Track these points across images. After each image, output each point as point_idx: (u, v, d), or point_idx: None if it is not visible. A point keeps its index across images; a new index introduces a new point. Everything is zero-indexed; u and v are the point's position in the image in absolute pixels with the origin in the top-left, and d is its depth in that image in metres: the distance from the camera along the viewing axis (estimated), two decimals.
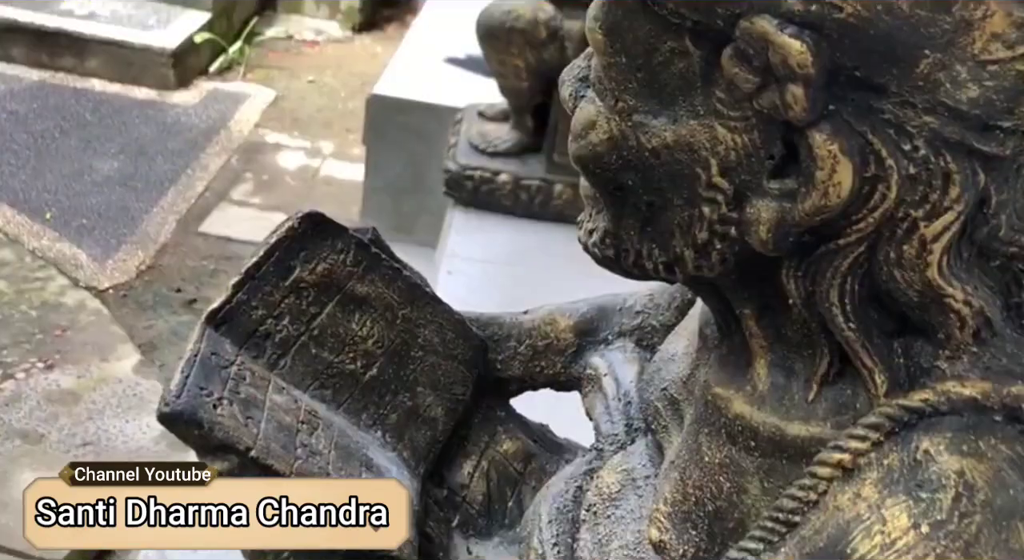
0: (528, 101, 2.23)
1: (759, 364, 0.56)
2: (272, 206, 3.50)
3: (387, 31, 5.07)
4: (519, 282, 2.09)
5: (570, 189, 2.26)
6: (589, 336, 0.87)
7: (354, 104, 4.29)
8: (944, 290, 0.46)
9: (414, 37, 3.18)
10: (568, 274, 2.20)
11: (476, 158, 2.29)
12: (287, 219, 0.77)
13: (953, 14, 0.41)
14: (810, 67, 0.43)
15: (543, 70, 2.15)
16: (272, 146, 3.88)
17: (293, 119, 4.09)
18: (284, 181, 3.66)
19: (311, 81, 4.45)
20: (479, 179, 2.26)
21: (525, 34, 2.10)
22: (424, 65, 2.90)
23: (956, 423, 0.46)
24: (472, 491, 0.81)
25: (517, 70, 2.15)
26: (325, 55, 4.73)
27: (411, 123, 2.66)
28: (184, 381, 0.63)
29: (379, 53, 4.82)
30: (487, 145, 2.29)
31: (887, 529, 0.44)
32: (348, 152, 3.89)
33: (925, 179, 0.44)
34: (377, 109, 2.69)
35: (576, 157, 0.55)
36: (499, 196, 2.28)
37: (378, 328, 0.78)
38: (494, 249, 2.19)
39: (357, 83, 4.49)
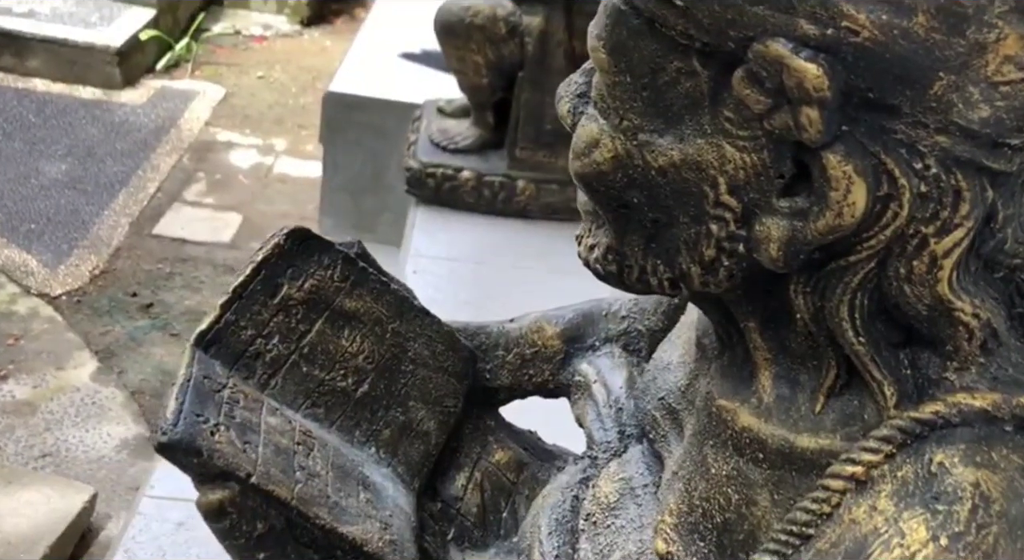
0: (488, 97, 2.22)
1: (763, 376, 0.56)
2: (226, 206, 3.45)
3: (336, 25, 5.02)
4: (485, 280, 2.09)
5: (532, 185, 2.26)
6: (576, 343, 0.87)
7: (306, 100, 4.24)
8: (954, 304, 0.47)
9: (367, 33, 3.15)
10: (534, 270, 2.20)
11: (437, 155, 2.27)
12: (272, 236, 0.75)
13: (968, 37, 0.41)
14: (826, 90, 0.43)
15: (503, 66, 2.15)
16: (224, 144, 3.82)
17: (244, 116, 4.04)
18: (237, 180, 3.61)
19: (261, 77, 4.39)
20: (441, 176, 2.25)
21: (484, 30, 2.09)
22: (379, 61, 2.88)
23: (968, 434, 0.47)
24: (466, 503, 0.81)
25: (477, 66, 2.14)
26: (274, 50, 4.67)
27: (369, 120, 2.63)
28: (179, 408, 0.62)
29: (328, 47, 4.77)
30: (448, 142, 2.28)
31: (906, 542, 0.45)
32: (302, 149, 3.85)
33: (936, 197, 0.45)
34: (333, 107, 2.66)
35: (579, 175, 0.55)
36: (462, 193, 2.26)
37: (368, 343, 0.77)
38: (459, 247, 2.18)
39: (308, 78, 4.44)
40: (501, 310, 2.15)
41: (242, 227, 3.33)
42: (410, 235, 2.23)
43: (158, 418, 0.63)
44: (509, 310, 2.24)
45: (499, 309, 2.20)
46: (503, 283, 2.08)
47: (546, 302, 2.27)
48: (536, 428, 0.91)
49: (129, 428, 2.51)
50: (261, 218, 3.38)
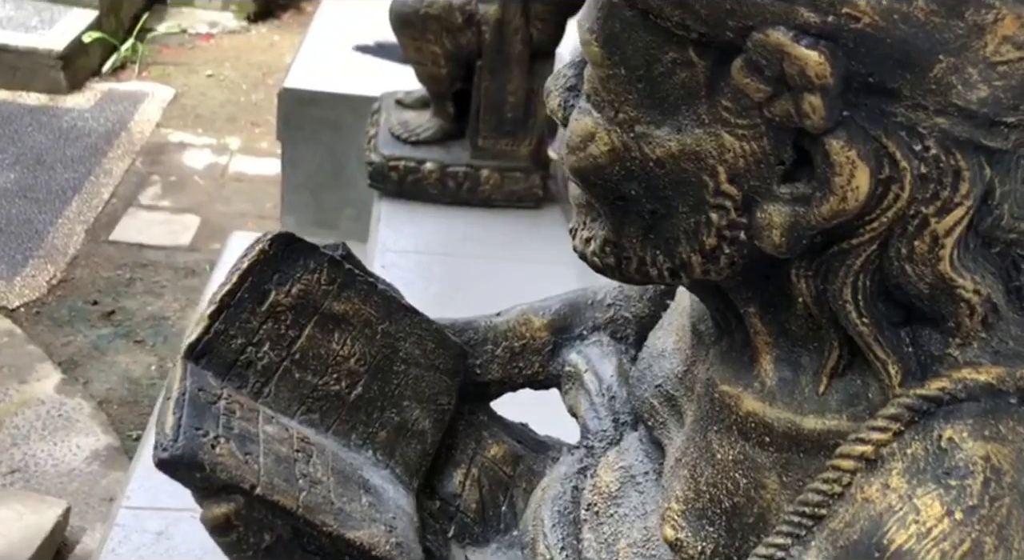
0: (448, 87, 2.21)
1: (764, 360, 0.57)
2: (183, 208, 3.40)
3: (283, 19, 4.96)
4: (454, 272, 2.08)
5: (496, 174, 2.25)
6: (564, 333, 0.87)
7: (257, 96, 4.19)
8: (955, 281, 0.48)
9: (319, 26, 3.11)
10: (502, 260, 2.20)
11: (399, 148, 2.26)
12: (256, 242, 0.74)
13: (966, 19, 0.42)
14: (828, 77, 0.43)
15: (461, 56, 2.14)
16: (177, 145, 3.76)
17: (196, 116, 3.97)
18: (193, 181, 3.56)
19: (210, 75, 4.32)
20: (404, 169, 2.23)
21: (440, 20, 2.07)
22: (333, 55, 2.85)
23: (975, 409, 0.48)
24: (465, 500, 0.80)
25: (435, 57, 2.12)
26: (222, 47, 4.60)
27: (326, 116, 2.61)
28: (178, 423, 0.61)
29: (277, 42, 4.71)
30: (409, 134, 2.27)
31: (921, 518, 0.45)
32: (256, 147, 3.81)
33: (936, 177, 0.45)
34: (289, 103, 2.63)
35: (575, 169, 0.55)
36: (425, 185, 2.25)
37: (359, 345, 0.76)
38: (425, 239, 2.17)
39: (258, 74, 4.38)
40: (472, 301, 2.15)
41: (200, 229, 3.29)
42: (376, 230, 2.22)
43: (156, 434, 0.62)
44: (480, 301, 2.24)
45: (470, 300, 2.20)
46: (472, 274, 2.07)
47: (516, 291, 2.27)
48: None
49: (99, 439, 2.47)
50: (219, 219, 3.34)
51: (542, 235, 2.26)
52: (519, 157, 2.23)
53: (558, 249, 2.26)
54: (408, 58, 2.20)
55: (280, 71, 4.40)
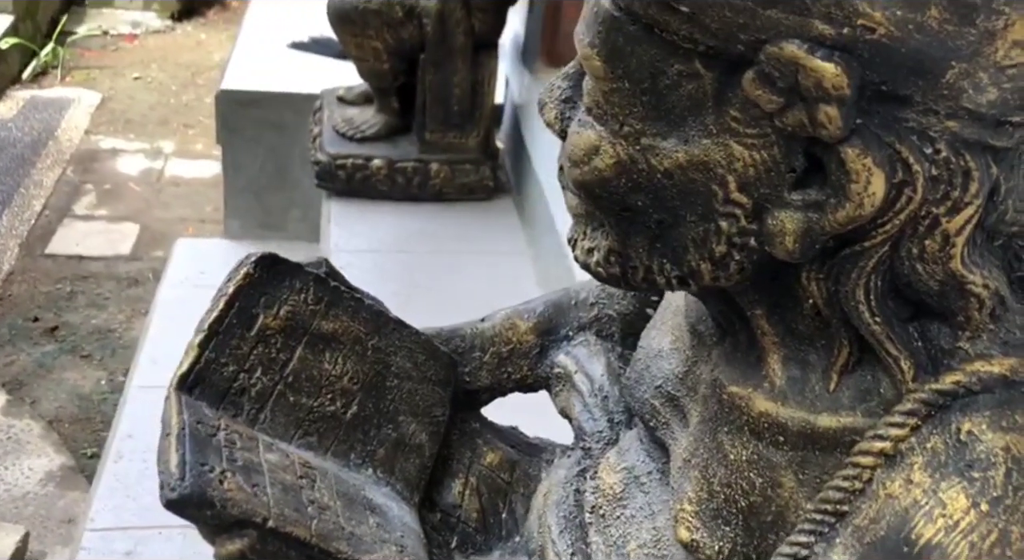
0: (391, 82, 2.19)
1: (772, 360, 0.57)
2: (121, 216, 3.32)
3: (209, 17, 4.85)
4: (411, 268, 2.07)
5: (446, 167, 2.24)
6: (550, 335, 0.87)
7: (188, 97, 4.10)
8: (966, 278, 0.49)
9: (250, 24, 3.05)
10: (458, 253, 2.20)
11: (345, 146, 2.23)
12: (240, 265, 0.73)
13: (978, 26, 0.43)
14: (846, 88, 0.43)
15: (403, 50, 2.11)
16: (108, 152, 3.66)
17: (125, 120, 3.87)
18: (128, 188, 3.47)
19: (137, 78, 4.21)
20: (352, 167, 2.21)
21: (381, 15, 2.05)
22: (268, 53, 2.80)
23: (990, 401, 0.49)
24: (466, 510, 0.80)
25: (377, 52, 2.10)
26: (147, 48, 4.48)
27: (266, 116, 2.56)
28: (182, 460, 0.59)
29: (204, 40, 4.61)
30: (354, 131, 2.24)
31: (948, 511, 0.46)
32: (191, 149, 3.73)
33: (947, 178, 0.46)
34: (227, 105, 2.57)
35: (580, 183, 0.54)
36: (374, 182, 2.23)
37: (351, 363, 0.75)
38: (379, 237, 2.15)
39: (187, 75, 4.29)
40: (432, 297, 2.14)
41: (141, 236, 3.21)
42: (327, 230, 2.19)
43: (160, 473, 0.60)
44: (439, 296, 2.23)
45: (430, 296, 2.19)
46: (429, 270, 2.06)
47: (474, 284, 2.28)
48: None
49: (52, 459, 2.41)
50: (159, 225, 3.26)
51: (496, 226, 2.26)
52: (468, 149, 2.22)
53: (513, 240, 2.26)
54: (349, 54, 2.17)
55: (210, 70, 4.31)
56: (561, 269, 1.88)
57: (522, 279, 2.07)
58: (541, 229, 2.09)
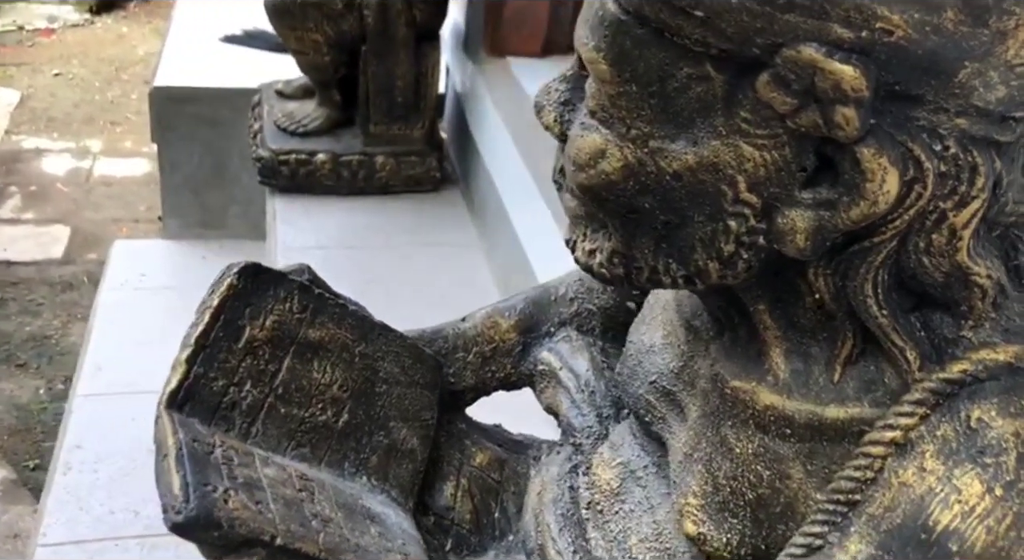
0: (332, 75, 2.15)
1: (774, 353, 0.58)
2: (49, 219, 3.21)
3: (129, 9, 4.71)
4: (361, 264, 2.05)
5: (392, 159, 2.22)
6: (532, 332, 0.87)
7: (113, 93, 3.98)
8: (971, 269, 0.50)
9: (180, 18, 2.97)
10: (407, 246, 2.18)
11: (287, 140, 2.19)
12: (223, 276, 0.71)
13: (990, 26, 0.44)
14: (864, 90, 0.44)
15: (344, 42, 2.08)
16: (32, 152, 3.54)
17: (48, 119, 3.74)
18: (56, 189, 3.36)
19: (57, 74, 4.07)
20: (295, 162, 2.17)
21: (320, 7, 2.01)
22: (200, 48, 2.73)
23: (997, 388, 0.50)
24: (459, 511, 0.80)
25: (317, 45, 2.06)
26: (66, 43, 4.33)
27: (202, 112, 2.50)
28: (184, 482, 0.58)
29: (126, 34, 4.48)
30: (296, 125, 2.20)
31: (963, 497, 0.48)
32: (120, 147, 3.62)
33: (954, 174, 0.47)
34: (162, 102, 2.50)
35: (586, 187, 0.54)
36: (319, 177, 2.20)
37: (339, 371, 0.74)
38: (326, 234, 2.12)
39: (110, 70, 4.16)
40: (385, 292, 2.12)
41: (72, 239, 3.12)
42: (273, 228, 2.15)
43: (162, 496, 0.59)
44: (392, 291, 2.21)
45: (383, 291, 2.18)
46: (380, 264, 2.04)
47: (426, 277, 2.26)
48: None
49: None
50: (91, 227, 3.17)
51: (444, 218, 2.24)
52: (413, 141, 2.20)
53: (463, 231, 2.25)
54: (288, 48, 2.13)
55: (134, 65, 4.20)
56: (516, 260, 1.88)
57: (476, 271, 2.07)
58: (492, 220, 2.08)
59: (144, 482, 2.16)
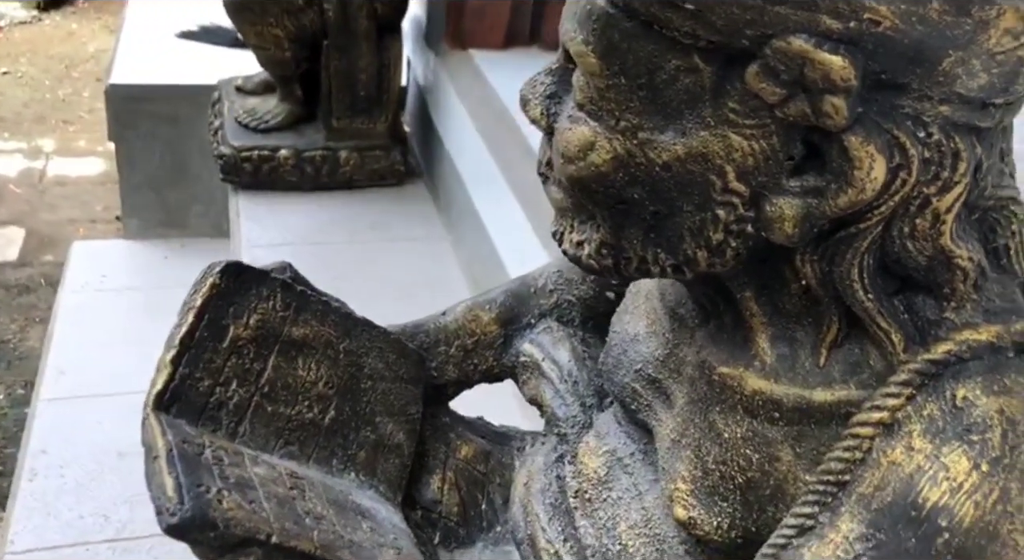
0: (294, 70, 2.13)
1: (760, 338, 0.59)
2: (3, 221, 3.15)
3: (78, 5, 4.62)
4: (327, 260, 2.03)
5: (355, 154, 2.20)
6: (513, 324, 0.88)
7: (65, 92, 3.90)
8: (954, 252, 0.51)
9: (133, 15, 2.92)
10: (373, 241, 2.17)
11: (249, 137, 2.17)
12: (205, 276, 0.70)
13: (973, 16, 0.45)
14: (853, 80, 0.45)
15: (305, 36, 2.06)
16: None
17: None
18: (8, 191, 3.29)
19: (6, 73, 3.99)
20: (258, 159, 2.15)
21: (280, 2, 1.99)
22: (156, 44, 2.69)
23: (980, 367, 0.51)
24: (446, 505, 0.80)
25: (278, 40, 2.04)
26: (13, 41, 4.24)
27: (160, 110, 2.46)
28: (178, 483, 0.58)
29: (76, 31, 4.40)
30: (257, 121, 2.18)
31: (951, 474, 0.49)
32: (74, 146, 3.56)
33: (937, 160, 0.48)
34: (119, 100, 2.46)
35: (575, 179, 0.55)
36: (282, 173, 2.18)
37: (324, 368, 0.74)
38: (292, 230, 2.10)
39: (60, 68, 4.08)
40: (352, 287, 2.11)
41: (27, 241, 3.06)
42: (237, 225, 2.13)
43: (155, 499, 0.58)
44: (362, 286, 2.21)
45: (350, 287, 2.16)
46: (346, 260, 2.03)
47: (392, 271, 2.25)
48: None
49: None
50: (47, 228, 3.11)
51: (409, 211, 2.24)
52: (376, 135, 2.19)
53: (429, 224, 2.25)
54: (248, 43, 2.10)
55: (85, 62, 4.12)
56: (484, 252, 1.88)
57: (443, 264, 2.07)
58: (459, 212, 2.08)
59: (112, 486, 2.13)
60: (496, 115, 1.90)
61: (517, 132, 1.83)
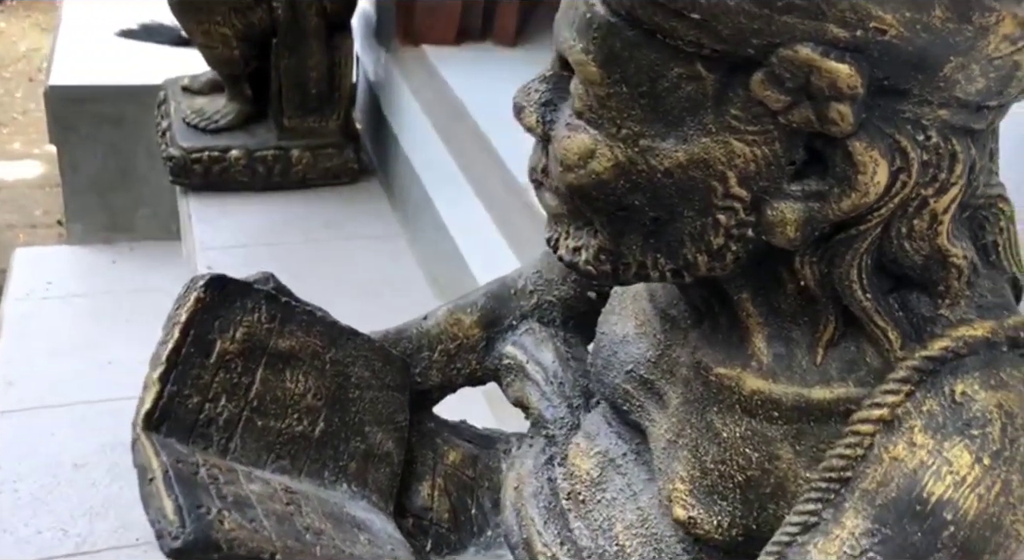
0: (243, 69, 2.09)
1: (756, 339, 0.59)
2: None
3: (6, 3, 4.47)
4: (284, 261, 2.01)
5: (308, 153, 2.18)
6: (494, 327, 0.87)
7: None
8: (950, 251, 0.52)
9: (70, 14, 2.84)
10: (329, 241, 2.15)
11: (198, 138, 2.13)
12: (188, 290, 0.69)
13: (974, 23, 0.46)
14: (859, 87, 0.46)
15: (254, 34, 2.03)
16: None
17: None
18: None
19: None
20: (208, 160, 2.11)
21: (227, 0, 1.95)
22: (95, 44, 2.62)
23: (977, 362, 0.53)
24: (437, 511, 0.80)
25: (226, 39, 2.00)
26: None
27: (103, 111, 2.40)
28: (178, 506, 0.56)
29: (4, 30, 4.26)
30: (207, 122, 2.14)
31: (955, 468, 0.50)
32: (9, 149, 3.45)
33: (935, 163, 0.50)
34: (59, 102, 2.40)
35: (575, 187, 0.55)
36: (233, 174, 2.14)
37: (312, 380, 0.73)
38: (245, 231, 2.07)
39: None
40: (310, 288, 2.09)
41: None
42: (189, 228, 2.09)
43: (155, 522, 0.57)
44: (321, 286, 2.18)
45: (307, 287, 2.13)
46: (302, 260, 2.01)
47: (354, 271, 2.24)
48: None
49: None
50: None
51: (364, 210, 2.22)
52: (329, 133, 2.17)
53: (385, 222, 2.23)
54: (195, 42, 2.06)
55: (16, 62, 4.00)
56: (444, 248, 1.87)
57: (400, 261, 2.05)
58: (415, 210, 2.07)
59: (69, 498, 2.08)
60: (452, 111, 1.89)
61: (474, 127, 1.82)
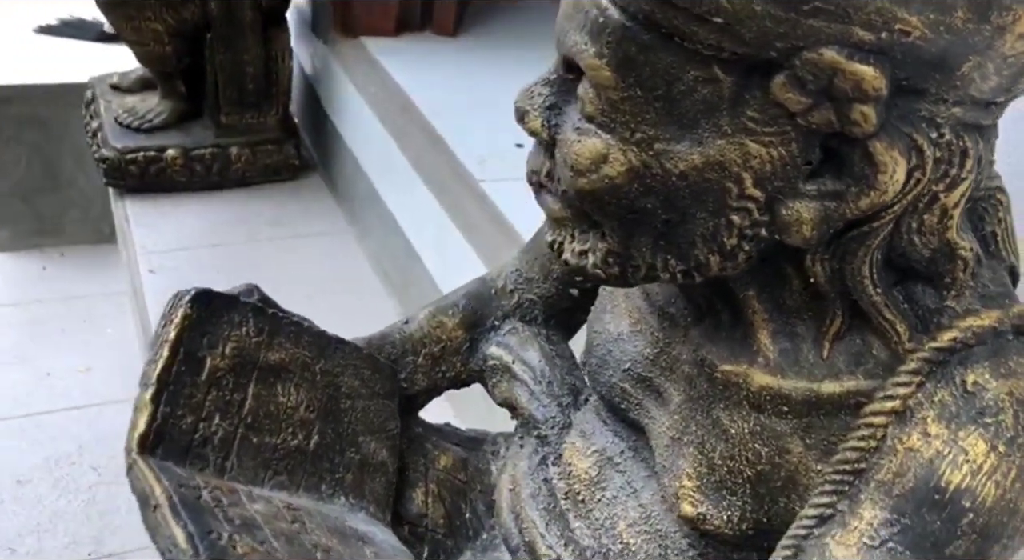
0: (175, 65, 2.03)
1: (762, 334, 0.60)
2: None
3: None
4: (229, 262, 1.96)
5: (247, 150, 2.13)
6: (477, 327, 0.87)
7: None
8: (958, 244, 0.53)
9: None
10: (275, 239, 2.10)
11: (132, 138, 2.06)
12: (174, 307, 0.67)
13: (992, 22, 0.46)
14: (884, 89, 0.46)
15: (186, 30, 1.97)
16: None
17: None
18: None
19: None
20: (144, 160, 2.04)
21: None
22: (11, 42, 2.51)
23: (985, 352, 0.54)
24: (432, 517, 0.79)
25: (157, 35, 1.94)
26: None
27: (25, 112, 2.31)
28: (188, 533, 0.54)
29: None
30: (140, 121, 2.07)
31: (971, 457, 0.51)
32: None
33: (947, 159, 0.50)
34: None
35: (588, 192, 0.54)
36: (171, 174, 2.08)
37: (303, 392, 0.72)
38: (187, 233, 2.02)
39: None
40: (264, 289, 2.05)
41: None
42: (127, 232, 2.02)
43: (165, 552, 0.55)
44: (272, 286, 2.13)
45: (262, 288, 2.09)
46: (250, 260, 1.97)
47: (303, 268, 2.19)
48: None
49: None
50: None
51: (308, 206, 2.18)
52: (268, 128, 2.12)
53: (331, 218, 2.20)
54: (125, 39, 1.99)
55: None
56: (394, 242, 1.85)
57: (350, 257, 2.02)
58: (362, 204, 2.04)
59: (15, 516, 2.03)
60: (396, 103, 1.87)
61: (420, 118, 1.80)
